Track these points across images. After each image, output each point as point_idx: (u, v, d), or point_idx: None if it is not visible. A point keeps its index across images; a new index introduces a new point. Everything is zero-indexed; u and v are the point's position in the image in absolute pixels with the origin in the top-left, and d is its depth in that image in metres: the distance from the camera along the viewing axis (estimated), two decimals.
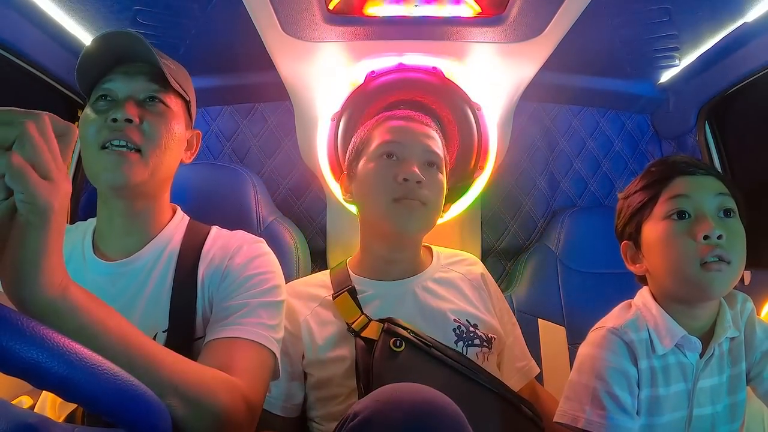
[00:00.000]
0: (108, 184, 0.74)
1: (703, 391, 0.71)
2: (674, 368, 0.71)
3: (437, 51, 1.15)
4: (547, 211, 1.46)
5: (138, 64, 0.79)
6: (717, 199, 0.71)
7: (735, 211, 0.72)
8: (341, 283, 0.92)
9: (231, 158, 1.41)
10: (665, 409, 0.70)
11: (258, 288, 0.77)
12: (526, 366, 0.95)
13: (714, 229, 0.68)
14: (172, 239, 0.82)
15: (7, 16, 0.95)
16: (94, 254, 0.79)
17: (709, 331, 0.73)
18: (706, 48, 1.17)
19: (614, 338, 0.72)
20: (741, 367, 0.73)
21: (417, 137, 0.91)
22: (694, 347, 0.71)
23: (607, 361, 0.70)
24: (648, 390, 0.70)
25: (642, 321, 0.73)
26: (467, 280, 0.95)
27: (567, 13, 0.96)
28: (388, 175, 0.87)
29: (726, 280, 0.69)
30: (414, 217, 0.87)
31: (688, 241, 0.69)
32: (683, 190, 0.72)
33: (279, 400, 0.87)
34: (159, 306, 0.75)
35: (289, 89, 1.22)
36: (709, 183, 0.72)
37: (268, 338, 0.73)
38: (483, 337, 0.87)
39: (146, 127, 0.75)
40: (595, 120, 1.50)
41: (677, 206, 0.71)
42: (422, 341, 0.79)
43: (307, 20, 0.99)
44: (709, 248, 0.68)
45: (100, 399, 0.39)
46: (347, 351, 0.83)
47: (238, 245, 0.82)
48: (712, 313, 0.74)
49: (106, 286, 0.76)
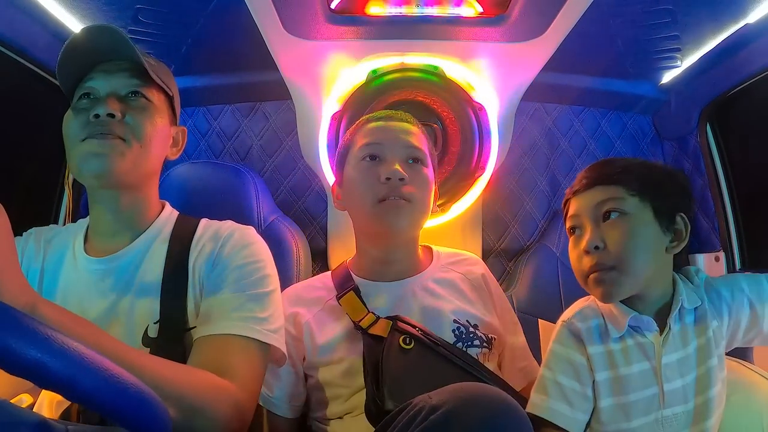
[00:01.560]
0: (92, 173, 0.73)
1: (669, 366, 0.73)
2: (633, 349, 0.75)
3: (439, 51, 1.15)
4: (548, 211, 1.45)
5: (118, 62, 0.78)
6: (596, 208, 0.75)
7: (621, 210, 0.74)
8: (343, 283, 0.92)
9: (232, 157, 1.41)
10: (632, 387, 0.73)
11: (248, 278, 0.76)
12: (528, 366, 0.95)
13: (589, 241, 0.73)
14: (161, 233, 0.82)
15: (8, 13, 0.95)
16: (85, 252, 0.80)
17: (667, 307, 0.76)
18: (708, 49, 1.17)
19: (563, 330, 0.78)
20: (708, 336, 0.75)
21: (396, 135, 0.91)
22: (649, 326, 0.74)
23: (555, 352, 0.77)
24: (606, 372, 0.74)
25: (593, 309, 0.79)
26: (468, 280, 0.95)
27: (569, 14, 0.96)
28: (371, 176, 0.88)
29: (615, 284, 0.72)
30: (400, 215, 0.87)
31: (578, 254, 0.76)
32: (573, 210, 0.79)
33: (282, 401, 0.87)
34: (150, 298, 0.75)
35: (291, 88, 1.22)
36: (590, 194, 0.77)
37: (260, 332, 0.72)
38: (483, 338, 0.87)
39: (129, 120, 0.75)
40: (596, 120, 1.50)
41: (570, 224, 0.79)
42: (430, 339, 0.79)
43: (309, 19, 0.99)
44: (591, 259, 0.74)
45: (102, 398, 0.40)
46: (348, 352, 0.83)
47: (228, 233, 0.81)
48: (664, 292, 0.76)
49: (97, 282, 0.77)
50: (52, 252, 0.81)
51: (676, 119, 1.42)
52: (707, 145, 1.35)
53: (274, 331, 0.75)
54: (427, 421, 0.51)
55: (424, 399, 0.54)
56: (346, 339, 0.85)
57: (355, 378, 0.80)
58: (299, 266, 1.13)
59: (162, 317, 0.74)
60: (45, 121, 1.23)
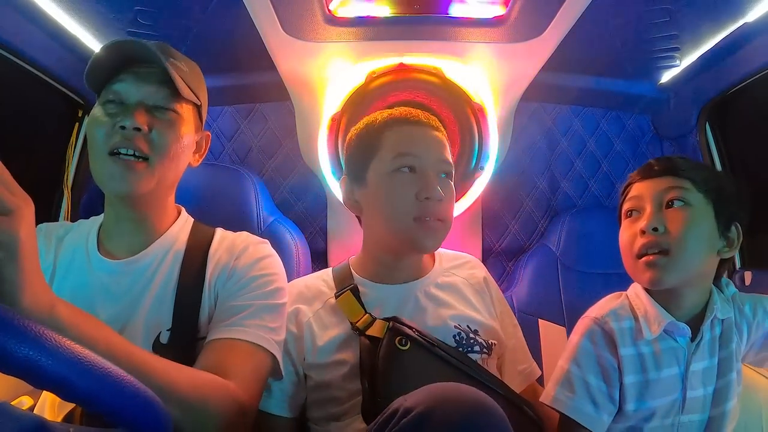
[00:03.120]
0: (114, 193, 0.76)
1: (695, 374, 0.74)
2: (666, 353, 0.74)
3: (438, 51, 1.15)
4: (548, 211, 1.45)
5: (149, 66, 0.77)
6: (664, 194, 0.76)
7: (686, 201, 0.75)
8: (344, 281, 0.91)
9: (232, 158, 1.41)
10: (658, 392, 0.73)
11: (262, 290, 0.77)
12: (528, 368, 0.94)
13: (650, 222, 0.73)
14: (177, 240, 0.83)
15: (6, 15, 0.95)
16: (98, 253, 0.80)
17: (700, 316, 0.76)
18: (707, 48, 1.17)
19: (595, 327, 0.77)
20: (731, 349, 0.75)
21: (433, 147, 0.88)
22: (683, 332, 0.74)
23: (585, 349, 0.76)
24: (637, 375, 0.74)
25: (627, 310, 0.78)
26: (469, 284, 0.94)
27: (567, 14, 0.96)
28: (408, 192, 0.84)
29: (664, 269, 0.72)
30: (436, 238, 0.86)
31: (630, 235, 0.77)
32: (635, 191, 0.79)
33: (282, 401, 0.86)
34: (163, 305, 0.76)
35: (290, 89, 1.22)
36: (660, 181, 0.77)
37: (268, 341, 0.73)
38: (483, 344, 0.86)
39: (155, 136, 0.75)
40: (595, 120, 1.50)
41: (629, 206, 0.80)
42: (427, 340, 0.79)
43: (307, 20, 0.99)
44: (646, 240, 0.74)
45: (98, 398, 0.39)
46: (348, 355, 0.83)
47: (243, 246, 0.82)
48: (700, 299, 0.77)
49: (110, 285, 0.77)
50: (64, 250, 0.81)
51: (675, 119, 1.42)
52: (706, 145, 1.35)
53: (279, 343, 0.76)
54: (400, 423, 0.51)
55: (400, 401, 0.54)
56: (344, 341, 0.84)
57: (354, 380, 0.80)
58: (299, 267, 1.13)
59: (174, 325, 0.74)
60: (43, 122, 1.23)
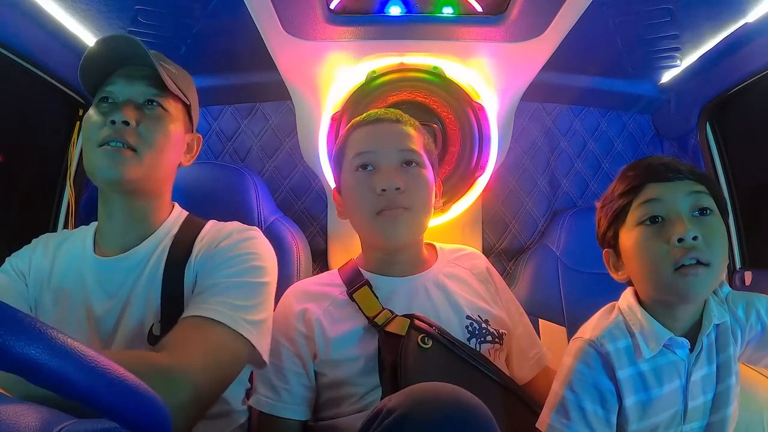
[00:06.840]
0: (104, 180, 0.78)
1: (695, 384, 0.71)
2: (666, 368, 0.71)
3: (438, 51, 1.15)
4: (548, 211, 1.45)
5: (140, 67, 0.81)
6: (690, 198, 0.69)
7: (713, 209, 0.70)
8: (354, 279, 0.90)
9: (232, 158, 1.41)
10: (661, 408, 0.70)
11: (236, 267, 0.76)
12: (538, 353, 0.94)
13: (688, 230, 0.65)
14: (168, 234, 0.84)
15: (7, 14, 0.95)
16: (93, 252, 0.82)
17: (697, 324, 0.72)
18: (708, 48, 1.17)
19: (590, 350, 0.71)
20: (728, 353, 0.72)
21: (388, 140, 0.89)
22: (683, 345, 0.71)
23: (580, 374, 0.71)
24: (638, 395, 0.70)
25: (621, 328, 0.73)
26: (473, 275, 0.95)
27: (568, 13, 0.96)
28: (366, 188, 0.86)
29: (704, 283, 0.66)
30: (400, 225, 0.85)
31: (661, 246, 0.67)
32: (654, 194, 0.70)
33: (292, 404, 0.84)
34: (153, 298, 0.77)
35: (290, 89, 1.22)
36: (683, 184, 0.70)
37: (231, 317, 0.70)
38: (495, 334, 0.87)
39: (142, 129, 0.79)
40: (596, 120, 1.50)
41: (649, 211, 0.70)
42: (447, 338, 0.79)
43: (308, 19, 0.99)
44: (684, 251, 0.65)
45: (95, 395, 0.39)
46: (362, 349, 0.82)
47: (229, 230, 0.83)
48: (697, 308, 0.73)
49: (104, 282, 0.79)
50: (62, 253, 0.84)
51: (675, 118, 1.42)
52: (707, 144, 1.35)
53: (252, 323, 0.72)
54: (382, 425, 0.51)
55: (384, 401, 0.54)
56: (359, 336, 0.83)
57: (371, 376, 0.79)
58: (299, 267, 1.12)
59: (163, 315, 0.76)
60: (45, 120, 1.23)
